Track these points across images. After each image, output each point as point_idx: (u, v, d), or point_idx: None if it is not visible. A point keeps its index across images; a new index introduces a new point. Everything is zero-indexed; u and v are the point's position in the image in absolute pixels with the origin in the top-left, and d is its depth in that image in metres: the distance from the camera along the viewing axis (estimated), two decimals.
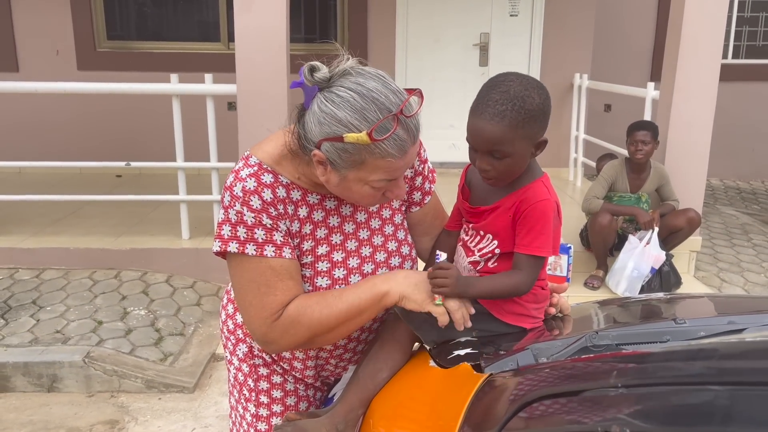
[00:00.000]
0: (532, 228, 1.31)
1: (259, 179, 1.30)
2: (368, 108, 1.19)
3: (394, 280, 1.32)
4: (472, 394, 1.12)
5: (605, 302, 1.68)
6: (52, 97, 5.58)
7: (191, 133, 4.36)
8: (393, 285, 1.31)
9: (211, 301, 3.86)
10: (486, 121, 1.24)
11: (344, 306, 1.31)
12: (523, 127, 1.25)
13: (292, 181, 1.33)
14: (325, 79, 1.22)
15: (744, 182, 7.24)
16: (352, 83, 1.21)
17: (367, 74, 1.23)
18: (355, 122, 1.19)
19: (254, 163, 1.32)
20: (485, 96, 1.26)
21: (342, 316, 1.31)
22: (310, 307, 1.31)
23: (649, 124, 4.03)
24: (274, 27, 3.69)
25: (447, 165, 5.78)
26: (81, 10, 5.97)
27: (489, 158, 1.28)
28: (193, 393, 3.15)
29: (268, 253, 1.29)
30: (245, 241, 1.28)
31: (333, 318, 1.31)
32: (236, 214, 1.28)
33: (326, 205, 1.38)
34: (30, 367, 3.13)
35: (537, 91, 1.26)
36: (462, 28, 6.21)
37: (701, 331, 1.18)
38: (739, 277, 4.39)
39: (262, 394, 1.53)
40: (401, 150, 1.23)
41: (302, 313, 1.30)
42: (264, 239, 1.29)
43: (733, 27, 7.02)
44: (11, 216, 4.59)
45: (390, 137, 1.19)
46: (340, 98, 1.20)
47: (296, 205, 1.34)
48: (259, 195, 1.28)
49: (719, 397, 0.76)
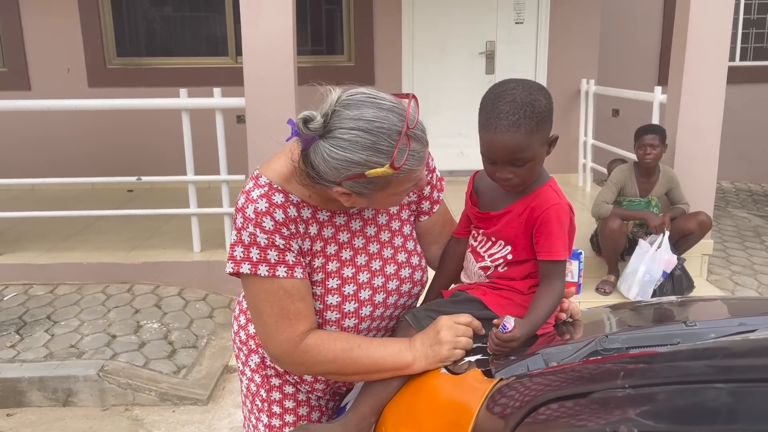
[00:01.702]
0: (550, 234, 1.32)
1: (270, 200, 1.30)
2: (378, 140, 1.18)
3: (415, 349, 1.33)
4: (483, 400, 1.12)
5: (615, 306, 1.68)
6: (64, 115, 5.65)
7: (201, 146, 4.40)
8: (417, 355, 1.32)
9: (223, 313, 3.88)
10: (502, 133, 1.25)
11: (367, 361, 1.34)
12: (537, 130, 1.27)
13: (302, 200, 1.34)
14: (321, 126, 1.19)
15: (755, 184, 7.20)
16: (351, 120, 1.19)
17: (357, 103, 1.21)
18: (373, 159, 1.19)
19: (264, 183, 1.32)
20: (493, 109, 1.27)
21: (361, 369, 1.35)
22: (332, 351, 1.34)
23: (657, 127, 4.02)
24: (281, 40, 3.73)
25: (455, 173, 5.78)
26: (91, 28, 6.05)
27: (510, 168, 1.30)
28: (207, 405, 3.16)
29: (280, 273, 1.30)
30: (258, 263, 1.30)
31: (352, 367, 1.35)
32: (249, 236, 1.29)
33: (336, 221, 1.39)
34: (45, 381, 3.16)
35: (540, 93, 1.28)
36: (468, 37, 6.23)
37: (712, 333, 1.18)
38: (752, 279, 4.35)
39: (274, 404, 1.54)
40: (421, 161, 1.26)
41: (321, 351, 1.34)
42: (276, 260, 1.30)
43: (740, 29, 7.00)
44: (25, 232, 4.64)
45: (408, 156, 1.21)
46: (347, 142, 1.18)
47: (307, 223, 1.35)
48: (271, 216, 1.29)
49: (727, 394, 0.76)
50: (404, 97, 1.24)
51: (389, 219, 1.47)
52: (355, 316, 1.40)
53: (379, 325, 1.47)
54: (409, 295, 1.50)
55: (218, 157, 4.14)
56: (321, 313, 1.39)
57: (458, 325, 1.33)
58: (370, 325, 1.45)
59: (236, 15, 5.21)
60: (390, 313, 1.48)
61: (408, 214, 1.52)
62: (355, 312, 1.40)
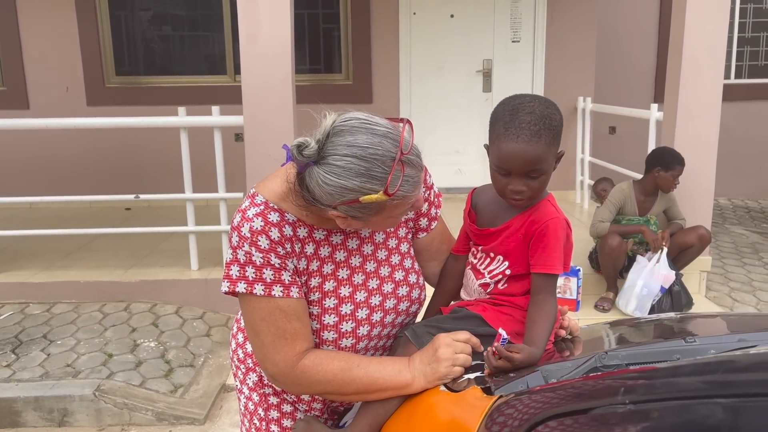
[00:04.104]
0: (546, 246, 1.33)
1: (266, 218, 1.30)
2: (372, 167, 1.19)
3: (414, 368, 1.32)
4: (482, 417, 1.12)
5: (615, 323, 1.67)
6: (63, 133, 5.66)
7: (199, 164, 4.41)
8: (416, 374, 1.31)
9: (220, 331, 3.86)
10: (525, 143, 1.27)
11: (366, 380, 1.32)
12: (553, 143, 1.30)
13: (298, 219, 1.34)
14: (315, 153, 1.20)
15: (752, 201, 7.22)
16: (344, 146, 1.19)
17: (351, 129, 1.21)
18: (367, 185, 1.19)
19: (260, 202, 1.32)
20: (513, 119, 1.28)
21: (360, 389, 1.33)
22: (330, 371, 1.33)
23: (681, 156, 3.95)
24: (279, 58, 3.75)
25: (453, 190, 5.79)
26: (90, 47, 6.09)
27: (525, 180, 1.30)
28: (204, 425, 3.13)
29: (276, 293, 1.30)
30: (253, 282, 1.29)
31: (351, 387, 1.33)
32: (245, 255, 1.29)
33: (332, 240, 1.39)
34: (41, 401, 3.13)
35: (554, 108, 1.32)
36: (465, 55, 6.28)
37: (711, 349, 1.17)
38: (751, 296, 4.35)
39: (272, 423, 1.52)
40: (416, 185, 1.26)
41: (320, 371, 1.33)
42: (272, 279, 1.30)
43: (735, 47, 7.07)
44: (23, 251, 4.63)
45: (402, 182, 1.21)
46: (341, 168, 1.19)
47: (303, 242, 1.35)
48: (266, 234, 1.29)
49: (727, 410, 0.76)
50: (399, 121, 1.25)
51: (386, 237, 1.47)
52: (352, 336, 1.40)
53: (377, 344, 1.46)
54: (407, 314, 1.50)
55: (216, 175, 4.14)
56: (318, 333, 1.38)
57: (456, 342, 1.32)
58: (368, 345, 1.44)
59: (235, 34, 5.25)
60: (388, 332, 1.47)
61: (405, 232, 1.52)
62: (353, 332, 1.40)
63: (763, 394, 0.77)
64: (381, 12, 6.13)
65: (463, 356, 1.30)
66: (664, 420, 0.82)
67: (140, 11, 6.31)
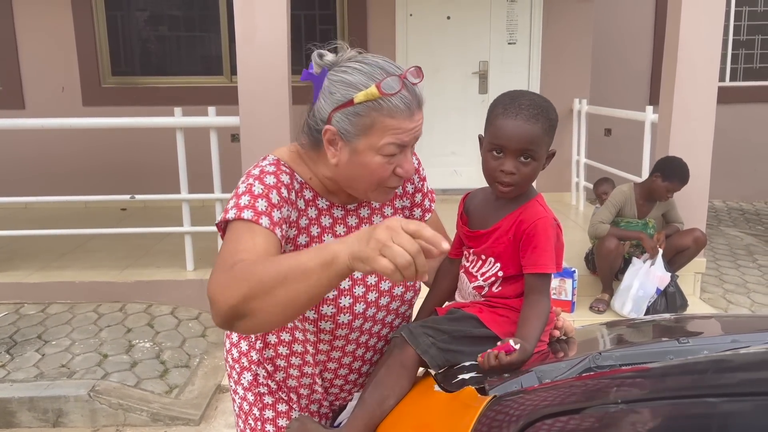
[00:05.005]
0: (536, 246, 1.33)
1: (279, 171, 1.35)
2: (375, 72, 1.28)
3: (345, 242, 1.08)
4: (477, 417, 1.12)
5: (610, 324, 1.68)
6: (58, 133, 5.65)
7: (195, 165, 4.41)
8: (343, 247, 1.07)
9: (216, 332, 3.86)
10: (523, 120, 1.31)
11: (292, 262, 1.10)
12: (548, 133, 1.33)
13: (305, 181, 1.39)
14: (333, 62, 1.33)
15: (747, 203, 7.25)
16: (358, 59, 1.32)
17: (370, 56, 1.34)
18: (364, 81, 1.27)
19: (273, 161, 1.38)
20: (514, 102, 1.33)
21: (281, 275, 1.09)
22: (252, 262, 1.15)
23: (689, 174, 3.89)
24: (275, 59, 3.75)
25: (449, 192, 5.80)
26: (86, 48, 6.08)
27: (516, 162, 1.33)
28: (199, 425, 3.13)
29: (263, 222, 1.25)
30: (244, 207, 1.26)
31: (273, 274, 1.09)
32: (246, 186, 1.31)
33: (334, 213, 1.43)
34: (35, 402, 3.12)
35: (552, 107, 1.36)
36: (461, 57, 6.29)
37: (705, 350, 1.18)
38: (745, 298, 4.37)
39: (267, 422, 1.52)
40: (408, 108, 1.29)
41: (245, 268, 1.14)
42: (263, 210, 1.26)
43: (730, 50, 7.10)
44: (18, 251, 4.62)
45: (397, 94, 1.27)
46: (348, 67, 1.30)
47: (307, 203, 1.39)
48: (275, 176, 1.33)
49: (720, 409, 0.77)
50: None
51: (383, 220, 1.48)
52: (349, 311, 1.41)
53: (371, 329, 1.47)
54: (401, 300, 1.51)
55: (212, 176, 4.14)
56: (317, 308, 1.38)
57: (402, 231, 1.02)
58: (363, 325, 1.44)
59: (231, 34, 5.25)
60: (383, 317, 1.48)
61: None
62: (350, 308, 1.41)
63: (754, 394, 0.78)
64: (377, 13, 6.14)
65: (399, 250, 1.00)
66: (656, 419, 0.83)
67: (137, 11, 6.31)
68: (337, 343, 1.45)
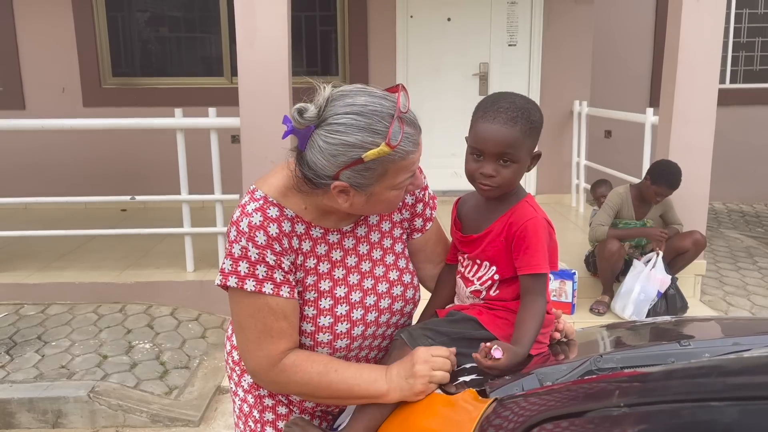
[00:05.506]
0: (528, 247, 1.33)
1: (265, 213, 1.31)
2: (372, 122, 1.22)
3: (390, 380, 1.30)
4: (478, 420, 1.12)
5: (610, 326, 1.68)
6: (59, 134, 5.65)
7: (195, 166, 4.40)
8: (392, 387, 1.30)
9: (216, 333, 3.86)
10: (500, 124, 1.30)
11: (342, 386, 1.33)
12: (529, 136, 1.32)
13: (297, 214, 1.35)
14: (315, 116, 1.23)
15: (747, 205, 7.24)
16: (344, 107, 1.23)
17: (349, 93, 1.25)
18: (369, 140, 1.21)
19: (260, 197, 1.33)
20: (493, 105, 1.32)
21: (335, 394, 1.34)
22: (308, 373, 1.33)
23: (679, 180, 3.89)
24: (276, 60, 3.76)
25: (449, 193, 5.79)
26: (87, 48, 6.08)
27: (495, 164, 1.32)
28: (199, 426, 3.13)
29: (266, 290, 1.30)
30: (245, 277, 1.30)
31: (326, 391, 1.34)
32: (241, 249, 1.29)
33: (329, 239, 1.40)
34: (35, 403, 3.12)
35: (535, 106, 1.35)
36: (461, 58, 6.29)
37: (706, 352, 1.18)
38: (745, 300, 4.36)
39: (267, 425, 1.52)
40: (415, 144, 1.28)
41: (298, 372, 1.33)
42: (264, 276, 1.30)
43: (730, 52, 7.10)
44: (18, 252, 4.61)
45: (403, 137, 1.23)
46: (342, 125, 1.22)
47: (300, 238, 1.36)
48: (264, 230, 1.30)
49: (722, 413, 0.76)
50: (394, 90, 1.29)
51: (381, 237, 1.47)
52: (347, 336, 1.40)
53: (371, 344, 1.47)
54: (401, 314, 1.50)
55: (212, 177, 4.14)
56: (313, 336, 1.38)
57: (435, 358, 1.29)
58: (362, 344, 1.44)
59: (232, 35, 5.25)
60: (382, 332, 1.47)
61: (400, 233, 1.52)
62: (347, 333, 1.40)
63: (757, 398, 0.77)
64: (378, 14, 6.14)
65: (440, 373, 1.28)
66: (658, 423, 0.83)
67: (137, 12, 6.31)
68: (338, 355, 1.45)
